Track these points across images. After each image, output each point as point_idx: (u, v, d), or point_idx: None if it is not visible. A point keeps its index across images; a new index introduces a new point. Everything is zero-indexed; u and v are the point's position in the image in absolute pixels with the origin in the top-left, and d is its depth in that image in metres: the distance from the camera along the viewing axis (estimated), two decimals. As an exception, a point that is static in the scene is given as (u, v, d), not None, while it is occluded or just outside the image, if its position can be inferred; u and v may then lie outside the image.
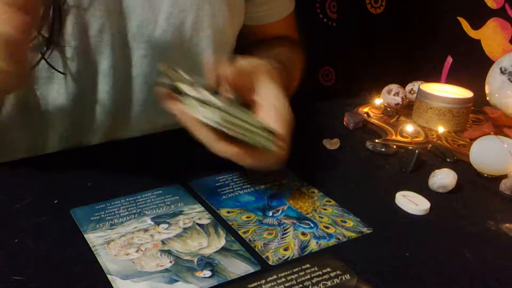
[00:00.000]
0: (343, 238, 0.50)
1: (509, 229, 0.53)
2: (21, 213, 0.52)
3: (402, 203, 0.56)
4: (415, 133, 0.74)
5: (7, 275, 0.43)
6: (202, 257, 0.46)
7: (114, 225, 0.50)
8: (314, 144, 0.71)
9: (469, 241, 0.51)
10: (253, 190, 0.58)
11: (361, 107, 0.84)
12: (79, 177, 0.59)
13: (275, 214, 0.54)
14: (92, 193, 0.56)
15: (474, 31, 0.94)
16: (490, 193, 0.61)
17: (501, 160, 0.62)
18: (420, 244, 0.50)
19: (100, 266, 0.45)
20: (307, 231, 0.51)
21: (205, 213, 0.53)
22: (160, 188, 0.57)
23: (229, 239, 0.49)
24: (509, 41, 0.89)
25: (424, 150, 0.70)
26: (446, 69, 0.99)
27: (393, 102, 0.82)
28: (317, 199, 0.57)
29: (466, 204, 0.58)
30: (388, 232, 0.52)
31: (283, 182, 0.60)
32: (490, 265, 0.48)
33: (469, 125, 0.79)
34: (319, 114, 0.84)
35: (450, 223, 0.54)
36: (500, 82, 0.74)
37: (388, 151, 0.69)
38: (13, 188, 0.56)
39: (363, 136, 0.74)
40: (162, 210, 0.53)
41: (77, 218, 0.51)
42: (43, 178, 0.59)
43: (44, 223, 0.50)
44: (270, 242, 0.49)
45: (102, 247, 0.47)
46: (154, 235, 0.49)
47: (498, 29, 0.90)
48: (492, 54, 0.92)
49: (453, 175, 0.60)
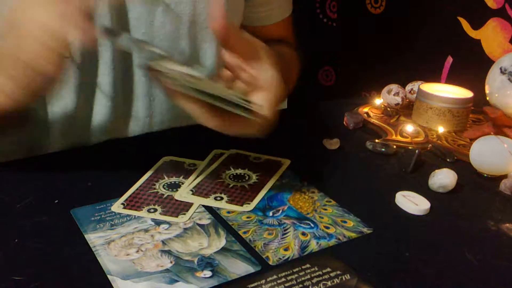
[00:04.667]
0: (343, 238, 0.50)
1: (509, 229, 0.53)
2: (21, 213, 0.52)
3: (402, 203, 0.56)
4: (415, 133, 0.74)
5: (7, 275, 0.43)
6: (203, 257, 0.46)
7: (114, 225, 0.50)
8: (314, 144, 0.71)
9: (469, 241, 0.51)
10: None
11: (361, 107, 0.84)
12: (79, 177, 0.59)
13: (275, 214, 0.54)
14: (93, 193, 0.56)
15: (474, 31, 0.94)
16: (490, 193, 0.61)
17: (501, 160, 0.62)
18: (420, 244, 0.50)
19: (101, 266, 0.45)
20: (307, 231, 0.51)
21: (205, 213, 0.53)
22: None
23: (230, 239, 0.49)
24: (509, 41, 0.89)
25: (424, 150, 0.70)
26: (446, 69, 0.99)
27: (393, 102, 0.82)
28: (317, 199, 0.57)
29: (466, 204, 0.58)
30: (388, 232, 0.52)
31: (283, 182, 0.60)
32: (490, 265, 0.48)
33: (469, 125, 0.79)
34: (319, 114, 0.84)
35: (450, 223, 0.54)
36: (500, 82, 0.74)
37: (388, 151, 0.69)
38: (13, 188, 0.56)
39: (363, 136, 0.74)
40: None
41: (78, 218, 0.51)
42: (43, 178, 0.59)
43: (44, 223, 0.50)
44: (270, 242, 0.49)
45: (102, 247, 0.47)
46: (155, 235, 0.49)
47: (498, 29, 0.90)
48: (492, 54, 0.92)
49: (453, 175, 0.60)
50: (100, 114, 0.69)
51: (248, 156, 0.65)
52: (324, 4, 1.16)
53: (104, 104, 0.68)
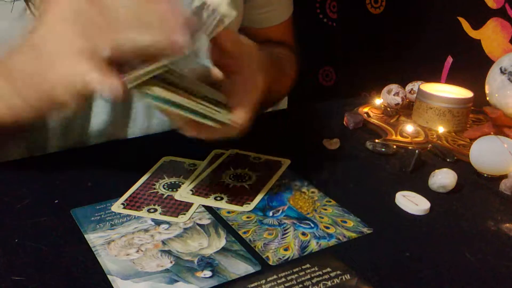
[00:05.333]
0: (343, 238, 0.50)
1: (509, 229, 0.53)
2: (21, 213, 0.52)
3: (402, 203, 0.56)
4: (415, 133, 0.74)
5: (7, 275, 0.43)
6: (203, 257, 0.46)
7: (114, 226, 0.50)
8: (314, 144, 0.71)
9: (469, 241, 0.51)
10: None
11: (361, 107, 0.84)
12: (79, 177, 0.59)
13: (275, 214, 0.54)
14: (93, 193, 0.56)
15: (474, 31, 0.94)
16: (490, 193, 0.61)
17: (501, 160, 0.62)
18: (420, 244, 0.50)
19: (101, 267, 0.45)
20: (307, 231, 0.51)
21: (205, 213, 0.53)
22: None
23: (230, 239, 0.49)
24: (509, 41, 0.89)
25: (424, 150, 0.70)
26: (446, 69, 0.99)
27: (393, 102, 0.82)
28: (317, 199, 0.57)
29: (466, 204, 0.58)
30: (388, 232, 0.52)
31: (283, 182, 0.60)
32: (490, 265, 0.48)
33: (469, 125, 0.79)
34: (319, 114, 0.84)
35: (450, 223, 0.54)
36: (500, 82, 0.74)
37: (388, 151, 0.69)
38: (13, 188, 0.56)
39: (363, 136, 0.74)
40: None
41: (78, 218, 0.51)
42: (43, 178, 0.59)
43: (45, 223, 0.50)
44: (270, 242, 0.49)
45: (102, 247, 0.47)
46: (155, 235, 0.49)
47: (498, 29, 0.90)
48: (492, 54, 0.92)
49: (453, 175, 0.60)
50: (98, 117, 0.69)
51: (248, 156, 0.65)
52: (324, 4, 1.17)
53: (103, 106, 0.68)
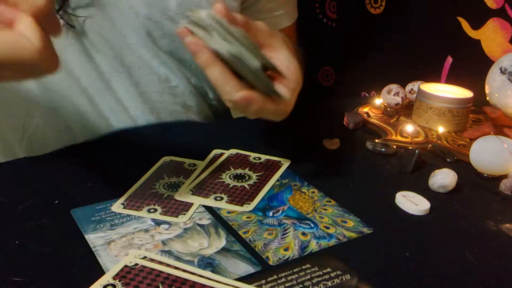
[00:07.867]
0: (343, 238, 0.50)
1: (509, 229, 0.53)
2: (21, 213, 0.52)
3: (402, 203, 0.56)
4: (415, 133, 0.74)
5: (8, 276, 0.43)
6: (203, 258, 0.46)
7: (114, 226, 0.50)
8: (314, 144, 0.71)
9: (469, 241, 0.51)
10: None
11: (361, 107, 0.84)
12: (80, 177, 0.59)
13: (275, 214, 0.54)
14: (93, 194, 0.56)
15: (474, 31, 0.94)
16: (490, 193, 0.61)
17: (501, 160, 0.62)
18: (420, 244, 0.50)
19: (101, 267, 0.45)
20: (307, 231, 0.51)
21: (205, 213, 0.53)
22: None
23: (230, 239, 0.49)
24: (509, 41, 0.89)
25: (424, 150, 0.70)
26: (446, 69, 0.99)
27: (393, 102, 0.83)
28: (317, 199, 0.57)
29: (466, 204, 0.58)
30: (388, 232, 0.52)
31: (283, 182, 0.60)
32: (490, 265, 0.48)
33: (469, 125, 0.79)
34: (319, 114, 0.84)
35: (450, 223, 0.54)
36: (500, 82, 0.74)
37: (388, 151, 0.69)
38: (13, 189, 0.56)
39: (363, 136, 0.74)
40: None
41: (78, 218, 0.51)
42: (43, 178, 0.59)
43: (45, 224, 0.50)
44: (270, 242, 0.49)
45: (102, 247, 0.47)
46: (155, 235, 0.49)
47: (498, 29, 0.90)
48: (492, 54, 0.92)
49: (453, 175, 0.60)
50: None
51: (248, 156, 0.66)
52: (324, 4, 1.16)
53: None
